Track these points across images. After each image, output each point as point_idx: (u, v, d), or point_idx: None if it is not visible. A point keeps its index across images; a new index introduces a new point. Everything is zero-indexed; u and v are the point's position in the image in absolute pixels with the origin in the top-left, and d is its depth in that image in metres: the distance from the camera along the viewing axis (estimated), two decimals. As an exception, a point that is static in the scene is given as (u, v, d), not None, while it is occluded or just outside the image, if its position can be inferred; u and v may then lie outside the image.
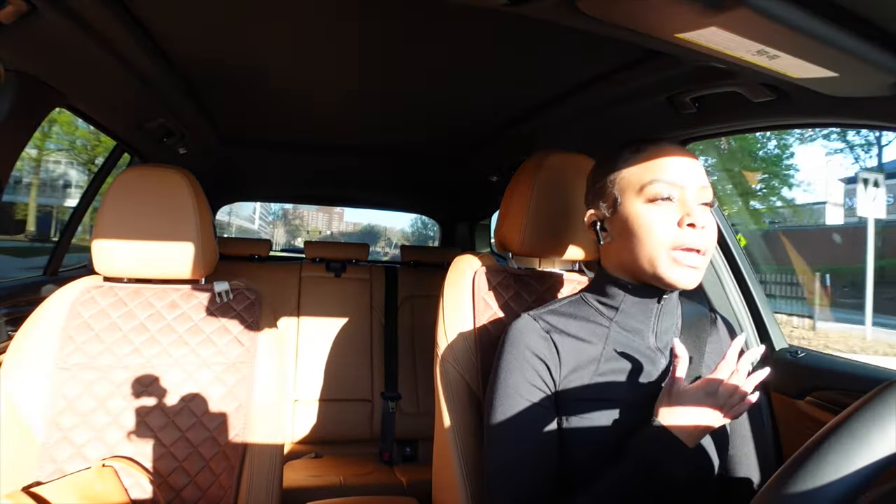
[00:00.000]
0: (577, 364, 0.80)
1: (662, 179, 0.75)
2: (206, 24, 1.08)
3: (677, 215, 0.75)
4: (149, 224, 1.11)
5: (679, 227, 0.74)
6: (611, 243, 0.82)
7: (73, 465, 1.03)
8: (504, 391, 0.80)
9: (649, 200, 0.76)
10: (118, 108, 1.46)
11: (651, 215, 0.75)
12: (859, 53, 0.61)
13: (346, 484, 1.78)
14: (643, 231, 0.75)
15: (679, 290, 0.80)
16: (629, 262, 0.78)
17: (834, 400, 1.09)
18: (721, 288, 1.32)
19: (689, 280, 0.75)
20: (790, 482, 0.38)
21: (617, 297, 0.82)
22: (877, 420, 0.38)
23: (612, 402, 0.78)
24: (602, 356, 0.80)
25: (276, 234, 20.70)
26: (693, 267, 0.74)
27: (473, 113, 1.62)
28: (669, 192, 0.75)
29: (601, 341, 0.81)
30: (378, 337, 2.30)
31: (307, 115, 1.70)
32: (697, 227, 0.73)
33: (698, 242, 0.74)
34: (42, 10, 0.88)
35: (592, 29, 0.68)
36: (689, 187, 0.75)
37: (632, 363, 0.80)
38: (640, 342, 0.82)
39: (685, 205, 0.75)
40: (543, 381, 0.79)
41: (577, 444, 0.77)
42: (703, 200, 0.76)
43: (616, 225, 0.80)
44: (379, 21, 1.04)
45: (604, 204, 0.81)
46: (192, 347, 1.14)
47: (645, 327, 0.82)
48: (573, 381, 0.79)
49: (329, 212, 25.32)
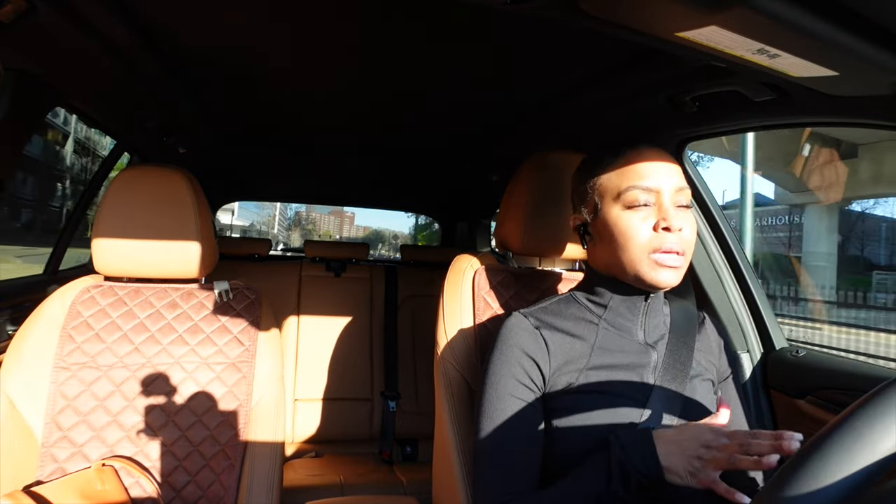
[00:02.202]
0: (567, 359, 0.81)
1: (638, 186, 0.77)
2: (205, 22, 1.08)
3: (654, 219, 0.77)
4: (148, 223, 1.11)
5: (656, 232, 0.76)
6: (594, 246, 0.84)
7: (73, 464, 1.03)
8: (493, 388, 0.81)
9: (627, 207, 0.78)
10: (117, 107, 1.46)
11: (629, 222, 0.77)
12: (859, 52, 0.61)
13: (347, 483, 1.78)
14: (622, 238, 0.77)
15: (662, 291, 0.81)
16: (612, 264, 0.81)
17: (834, 399, 1.09)
18: (721, 287, 1.32)
19: (670, 280, 0.77)
20: (790, 483, 0.37)
21: (605, 296, 0.84)
22: (879, 418, 0.38)
23: (603, 397, 0.79)
24: (592, 351, 0.81)
25: (292, 238, 21.89)
26: (673, 267, 0.76)
27: (474, 112, 1.62)
28: (646, 199, 0.77)
29: (591, 337, 0.83)
30: (378, 336, 2.30)
31: (307, 114, 1.70)
32: (674, 230, 0.75)
33: (676, 245, 0.76)
34: (41, 8, 0.88)
35: (593, 27, 0.68)
36: (665, 191, 0.77)
37: (622, 358, 0.81)
38: (629, 338, 0.83)
39: (661, 209, 0.77)
40: (532, 380, 0.80)
41: (569, 439, 0.78)
42: (680, 203, 0.78)
43: (597, 229, 0.82)
44: (379, 21, 1.04)
45: (585, 209, 0.84)
46: (192, 347, 1.13)
47: (633, 324, 0.84)
48: (563, 376, 0.80)
49: (340, 216, 25.82)
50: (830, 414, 1.07)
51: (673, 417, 0.79)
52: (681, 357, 0.83)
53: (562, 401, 0.80)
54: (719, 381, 0.90)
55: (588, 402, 0.79)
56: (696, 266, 1.32)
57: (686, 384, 0.81)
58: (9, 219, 10.72)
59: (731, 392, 0.90)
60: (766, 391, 1.26)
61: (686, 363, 0.83)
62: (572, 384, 0.80)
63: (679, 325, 0.87)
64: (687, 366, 0.82)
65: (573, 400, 0.79)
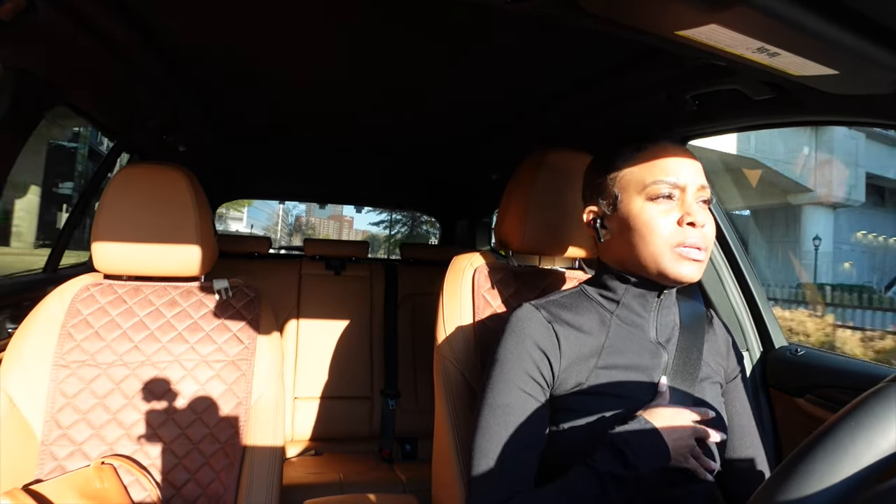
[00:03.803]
0: (579, 355, 0.79)
1: (664, 180, 0.77)
2: (205, 20, 1.08)
3: (678, 214, 0.77)
4: (148, 221, 1.11)
5: (680, 226, 0.76)
6: (611, 240, 0.83)
7: (72, 462, 1.04)
8: (501, 380, 0.79)
9: (650, 199, 0.77)
10: (117, 105, 1.46)
11: (653, 213, 0.77)
12: (860, 51, 0.60)
13: (346, 481, 1.79)
14: (646, 229, 0.77)
15: (678, 287, 0.81)
16: (630, 258, 0.79)
17: (833, 397, 1.09)
18: (721, 286, 1.32)
19: (693, 274, 0.76)
20: (782, 487, 0.38)
21: (618, 291, 0.83)
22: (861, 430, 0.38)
23: (612, 397, 0.77)
24: (603, 349, 0.80)
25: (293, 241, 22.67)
26: (696, 261, 0.76)
27: (473, 111, 1.61)
28: (671, 192, 0.77)
29: (602, 334, 0.81)
30: (378, 334, 2.30)
31: (307, 112, 1.70)
32: (697, 226, 0.76)
33: (699, 240, 0.76)
34: (41, 7, 0.88)
35: (593, 26, 0.68)
36: (690, 187, 0.77)
37: (633, 359, 0.80)
38: (641, 336, 0.82)
39: (685, 204, 0.77)
40: (542, 375, 0.78)
41: (577, 438, 0.77)
42: (703, 199, 0.78)
43: (616, 222, 0.81)
44: (379, 20, 1.04)
45: (603, 201, 0.83)
46: (191, 345, 1.14)
47: (646, 321, 0.83)
48: (573, 374, 0.79)
49: (340, 220, 26.12)
50: (829, 412, 1.07)
51: None
52: (691, 358, 0.82)
53: (569, 401, 0.78)
54: (728, 381, 0.89)
55: (596, 404, 0.77)
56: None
57: (696, 385, 0.81)
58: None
59: (741, 393, 0.89)
60: (765, 389, 1.26)
61: (696, 365, 0.82)
62: (582, 384, 0.78)
63: (689, 326, 0.86)
64: (696, 367, 0.82)
65: (580, 401, 0.78)
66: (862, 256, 16.31)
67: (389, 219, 17.54)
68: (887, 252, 16.75)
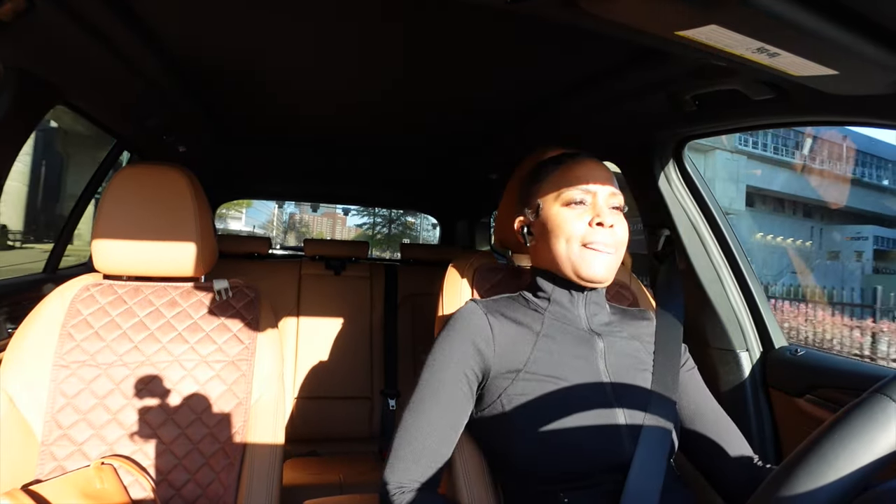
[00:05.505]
0: (515, 341, 0.85)
1: (577, 186, 0.87)
2: (205, 20, 1.08)
3: (589, 216, 0.85)
4: (148, 222, 1.11)
5: (590, 227, 0.84)
6: (535, 245, 0.92)
7: (72, 462, 1.04)
8: (430, 369, 0.85)
9: (566, 204, 0.87)
10: (117, 105, 1.46)
11: (567, 216, 0.86)
12: (859, 51, 0.61)
13: (346, 482, 1.78)
14: (559, 230, 0.86)
15: (596, 288, 0.88)
16: (551, 259, 0.88)
17: (833, 398, 1.09)
18: (721, 286, 1.32)
19: (598, 272, 0.84)
20: (782, 487, 0.38)
21: (547, 289, 0.91)
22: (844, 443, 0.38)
23: (551, 379, 0.82)
24: (539, 337, 0.86)
25: (288, 239, 22.78)
26: (602, 253, 0.84)
27: (473, 112, 1.61)
28: (582, 197, 0.86)
29: (538, 324, 0.88)
30: (378, 335, 2.30)
31: (307, 113, 1.70)
32: (606, 226, 0.84)
33: (607, 239, 0.84)
34: (40, 7, 0.88)
35: (592, 26, 0.68)
36: (601, 193, 0.86)
37: (569, 345, 0.86)
38: (573, 327, 0.89)
39: (596, 207, 0.86)
40: (472, 368, 0.84)
41: (520, 422, 0.81)
42: (614, 205, 0.87)
43: (538, 227, 0.91)
44: (379, 21, 1.04)
45: (529, 210, 0.93)
46: (191, 345, 1.14)
47: (575, 315, 0.90)
48: (509, 359, 0.84)
49: (333, 217, 26.17)
50: (829, 413, 1.07)
51: (637, 412, 0.83)
52: (666, 380, 0.88)
53: (509, 386, 0.83)
54: (685, 371, 0.95)
55: (535, 387, 0.82)
56: (696, 265, 1.32)
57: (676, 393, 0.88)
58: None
59: (697, 380, 0.96)
60: (765, 390, 1.26)
61: (671, 390, 0.87)
62: (519, 370, 0.83)
63: (663, 348, 0.93)
64: (672, 392, 0.87)
65: (521, 386, 0.82)
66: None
67: (372, 222, 18.36)
68: (764, 247, 19.07)
